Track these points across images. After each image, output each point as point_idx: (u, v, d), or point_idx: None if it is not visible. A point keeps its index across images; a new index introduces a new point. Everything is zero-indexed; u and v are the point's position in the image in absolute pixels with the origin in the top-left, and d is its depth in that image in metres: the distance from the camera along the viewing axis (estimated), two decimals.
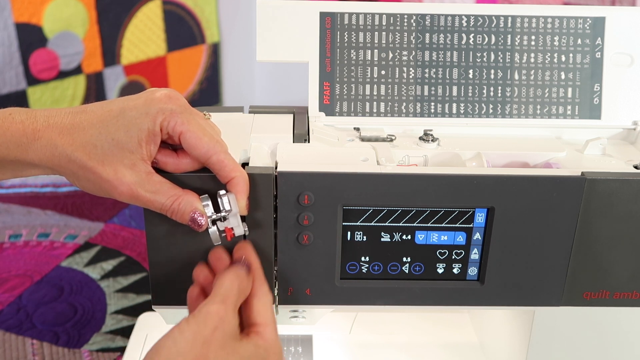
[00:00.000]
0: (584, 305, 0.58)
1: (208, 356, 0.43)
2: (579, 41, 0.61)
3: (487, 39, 0.61)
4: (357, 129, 0.61)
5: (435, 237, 0.55)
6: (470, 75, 0.61)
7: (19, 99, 1.66)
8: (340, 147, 0.57)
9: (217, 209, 0.50)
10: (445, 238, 0.55)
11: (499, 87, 0.61)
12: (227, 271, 0.48)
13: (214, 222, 0.50)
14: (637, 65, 0.62)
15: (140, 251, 1.00)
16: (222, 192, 0.49)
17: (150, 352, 0.43)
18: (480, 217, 0.54)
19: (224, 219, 0.50)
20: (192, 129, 0.49)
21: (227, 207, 0.49)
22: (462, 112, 0.61)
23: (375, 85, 0.61)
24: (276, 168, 0.52)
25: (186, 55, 2.12)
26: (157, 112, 0.48)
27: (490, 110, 0.62)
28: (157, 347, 0.43)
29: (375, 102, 0.61)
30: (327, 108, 0.61)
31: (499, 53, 0.61)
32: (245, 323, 0.49)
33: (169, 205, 0.49)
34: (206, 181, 0.51)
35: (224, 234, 0.50)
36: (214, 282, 0.49)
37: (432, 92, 0.61)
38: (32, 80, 1.67)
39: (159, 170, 0.51)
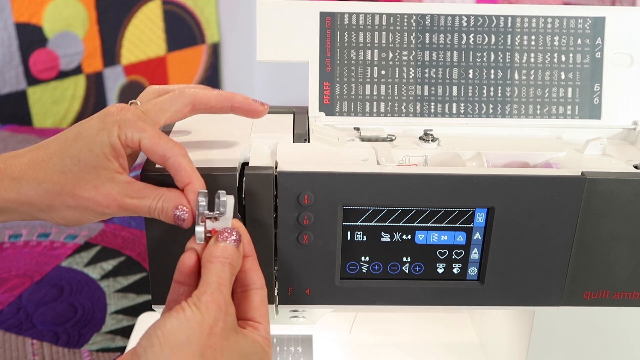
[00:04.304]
0: (584, 305, 0.58)
1: (214, 347, 0.43)
2: (579, 41, 0.61)
3: (487, 39, 0.61)
4: (357, 129, 0.61)
5: (435, 237, 0.55)
6: (470, 75, 0.61)
7: (19, 99, 1.66)
8: (340, 147, 0.57)
9: (212, 208, 0.49)
10: (445, 238, 0.55)
11: (499, 87, 0.61)
12: (214, 254, 0.47)
13: (204, 219, 0.48)
14: (637, 65, 0.62)
15: (140, 251, 1.00)
16: (222, 192, 0.48)
17: (153, 336, 0.42)
18: (480, 217, 0.54)
19: (215, 219, 0.48)
20: (148, 135, 0.48)
21: (222, 210, 0.48)
22: (462, 112, 0.61)
23: (375, 85, 0.61)
24: (276, 168, 0.52)
25: (186, 55, 2.12)
26: (112, 125, 0.48)
27: (490, 110, 0.62)
28: (163, 332, 0.42)
29: (375, 102, 0.61)
30: (327, 108, 0.61)
31: (499, 53, 0.61)
32: (240, 315, 0.49)
33: (154, 207, 0.49)
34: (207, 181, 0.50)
35: (209, 235, 0.48)
36: (202, 263, 0.47)
37: (432, 92, 0.61)
38: (32, 80, 1.67)
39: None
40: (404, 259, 0.56)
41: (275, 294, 0.56)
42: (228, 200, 0.48)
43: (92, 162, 0.48)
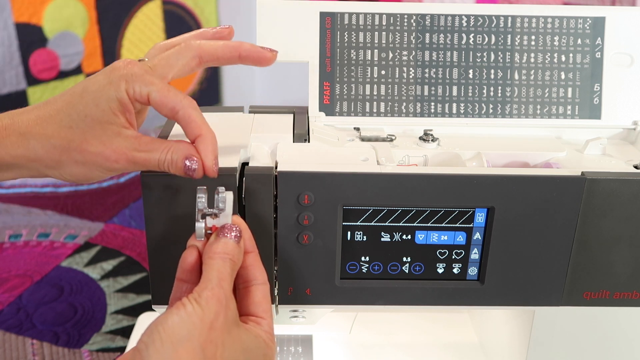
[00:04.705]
0: (584, 305, 0.58)
1: (215, 341, 0.43)
2: (579, 41, 0.61)
3: (487, 39, 0.61)
4: (357, 129, 0.61)
5: (435, 237, 0.55)
6: (470, 75, 0.61)
7: (19, 99, 1.66)
8: (340, 147, 0.57)
9: (211, 205, 0.48)
10: (446, 238, 0.55)
11: (499, 87, 0.61)
12: (214, 250, 0.46)
13: (203, 216, 0.48)
14: (637, 65, 0.62)
15: (140, 251, 1.00)
16: (222, 189, 0.48)
17: (154, 332, 0.41)
18: (480, 217, 0.54)
19: (215, 216, 0.48)
20: (156, 88, 0.48)
21: (221, 206, 0.48)
22: (462, 112, 0.61)
23: (375, 85, 0.61)
24: (276, 168, 0.52)
25: None
26: (119, 79, 0.48)
27: (490, 110, 0.62)
28: (164, 328, 0.42)
29: (375, 102, 0.61)
30: (327, 108, 0.61)
31: (499, 53, 0.61)
32: (242, 311, 0.48)
33: (163, 159, 0.48)
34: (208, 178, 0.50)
35: (209, 232, 0.48)
36: (203, 259, 0.47)
37: (432, 92, 0.61)
38: (32, 80, 1.67)
39: None
40: (404, 259, 0.56)
41: (275, 294, 0.56)
42: (227, 196, 0.48)
43: (99, 117, 0.48)
